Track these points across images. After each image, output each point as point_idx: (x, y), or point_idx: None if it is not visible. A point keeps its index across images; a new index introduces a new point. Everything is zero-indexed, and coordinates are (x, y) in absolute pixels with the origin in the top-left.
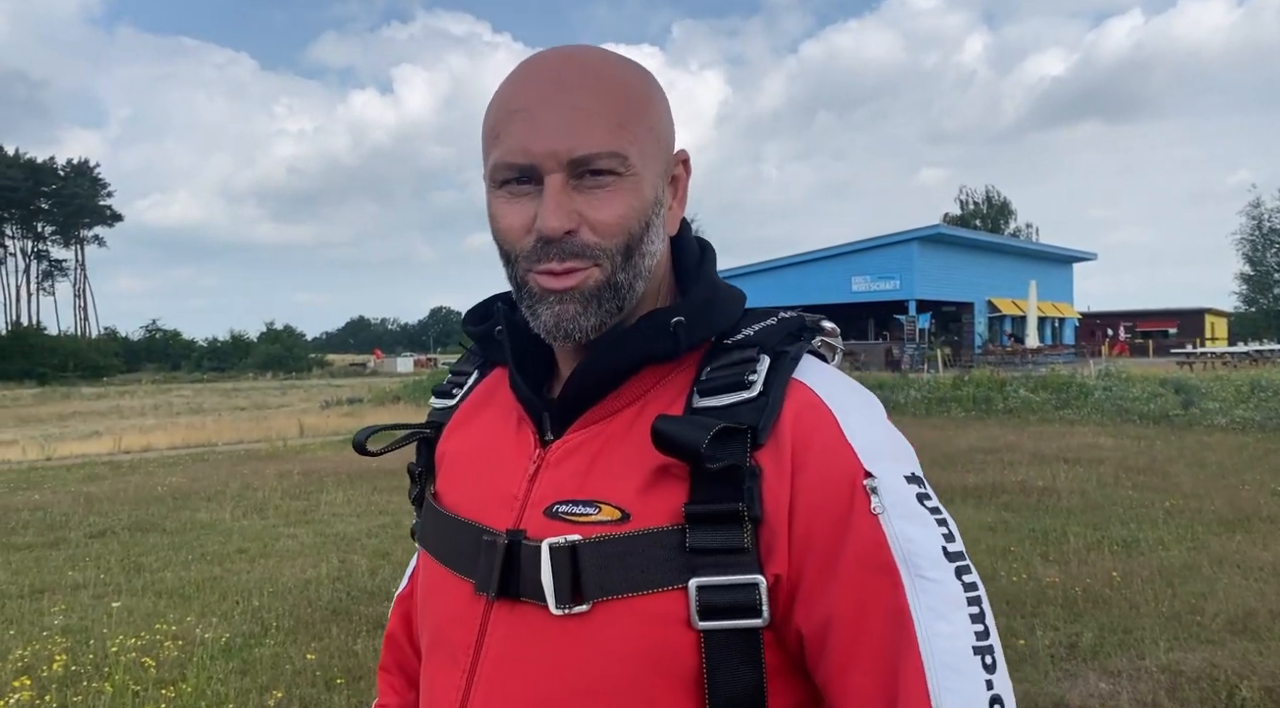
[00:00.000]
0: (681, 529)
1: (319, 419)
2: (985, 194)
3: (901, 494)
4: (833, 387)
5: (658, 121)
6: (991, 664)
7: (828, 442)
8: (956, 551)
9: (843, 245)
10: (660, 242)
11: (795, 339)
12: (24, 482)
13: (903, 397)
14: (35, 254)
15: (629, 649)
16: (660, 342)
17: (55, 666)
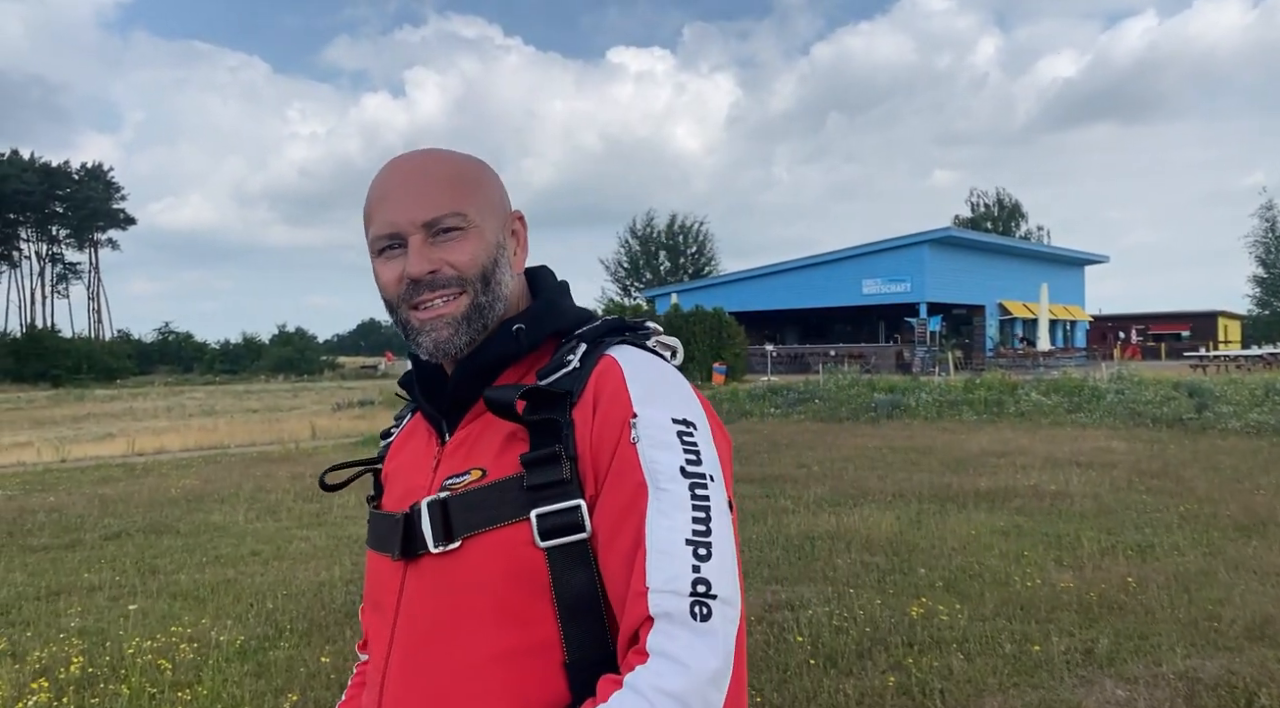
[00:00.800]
0: (522, 475)
1: (331, 421)
2: (996, 196)
3: (658, 428)
4: (632, 358)
5: (490, 191)
6: (705, 555)
7: (614, 392)
8: (697, 472)
9: (853, 248)
10: (509, 276)
11: (616, 334)
12: (39, 483)
13: (913, 399)
14: (50, 257)
15: (494, 570)
16: (507, 344)
17: (72, 667)
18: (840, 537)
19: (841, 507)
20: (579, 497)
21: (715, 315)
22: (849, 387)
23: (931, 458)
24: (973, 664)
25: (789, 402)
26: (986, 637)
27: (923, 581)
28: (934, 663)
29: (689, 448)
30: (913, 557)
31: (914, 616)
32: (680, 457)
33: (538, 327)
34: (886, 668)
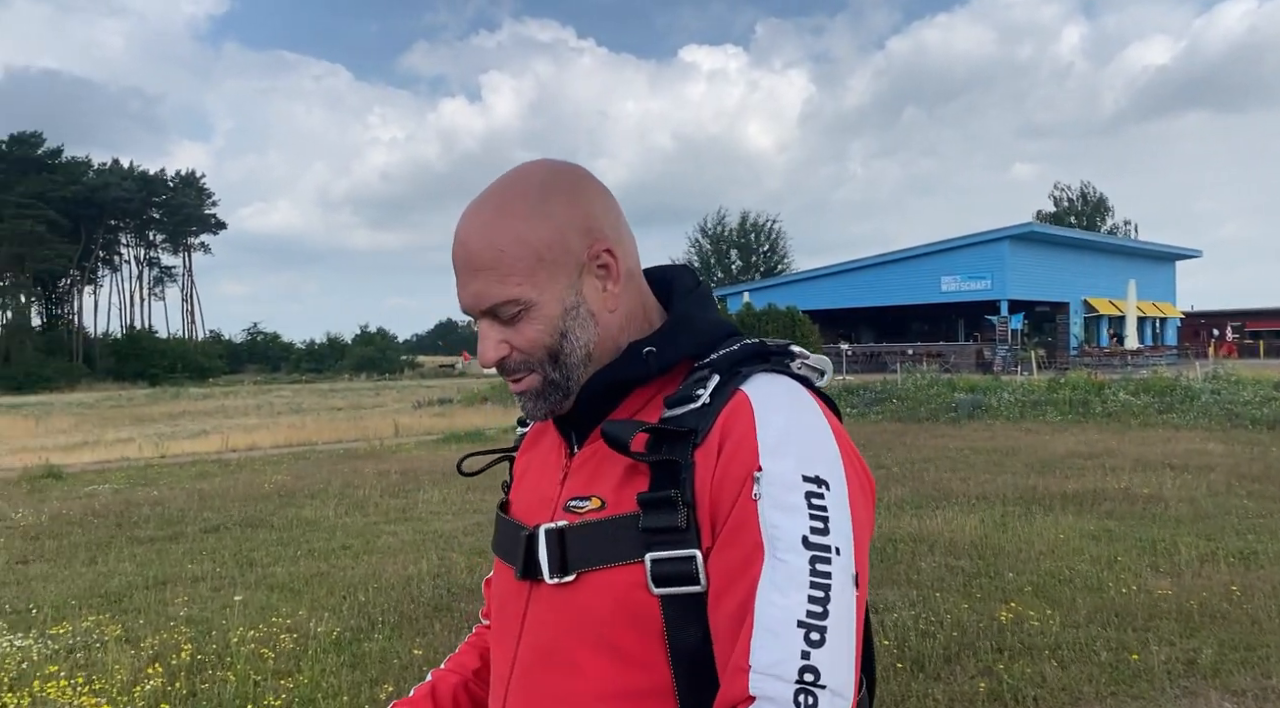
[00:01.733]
0: (638, 514)
1: (412, 419)
2: (1080, 190)
3: (783, 487)
4: (767, 395)
5: (547, 251)
6: (818, 641)
7: (741, 437)
8: (821, 543)
9: (931, 244)
10: (588, 332)
11: (757, 360)
12: (142, 478)
13: (995, 399)
14: (147, 261)
15: (607, 609)
16: (635, 367)
17: (183, 654)
18: (923, 540)
19: (923, 509)
20: (695, 547)
21: (788, 314)
22: (928, 386)
23: (1015, 459)
24: (1067, 672)
25: (865, 401)
26: (1080, 644)
27: (1010, 585)
28: (1026, 670)
29: (816, 513)
30: (998, 560)
31: (1003, 620)
32: (805, 523)
33: (670, 349)
34: (976, 673)
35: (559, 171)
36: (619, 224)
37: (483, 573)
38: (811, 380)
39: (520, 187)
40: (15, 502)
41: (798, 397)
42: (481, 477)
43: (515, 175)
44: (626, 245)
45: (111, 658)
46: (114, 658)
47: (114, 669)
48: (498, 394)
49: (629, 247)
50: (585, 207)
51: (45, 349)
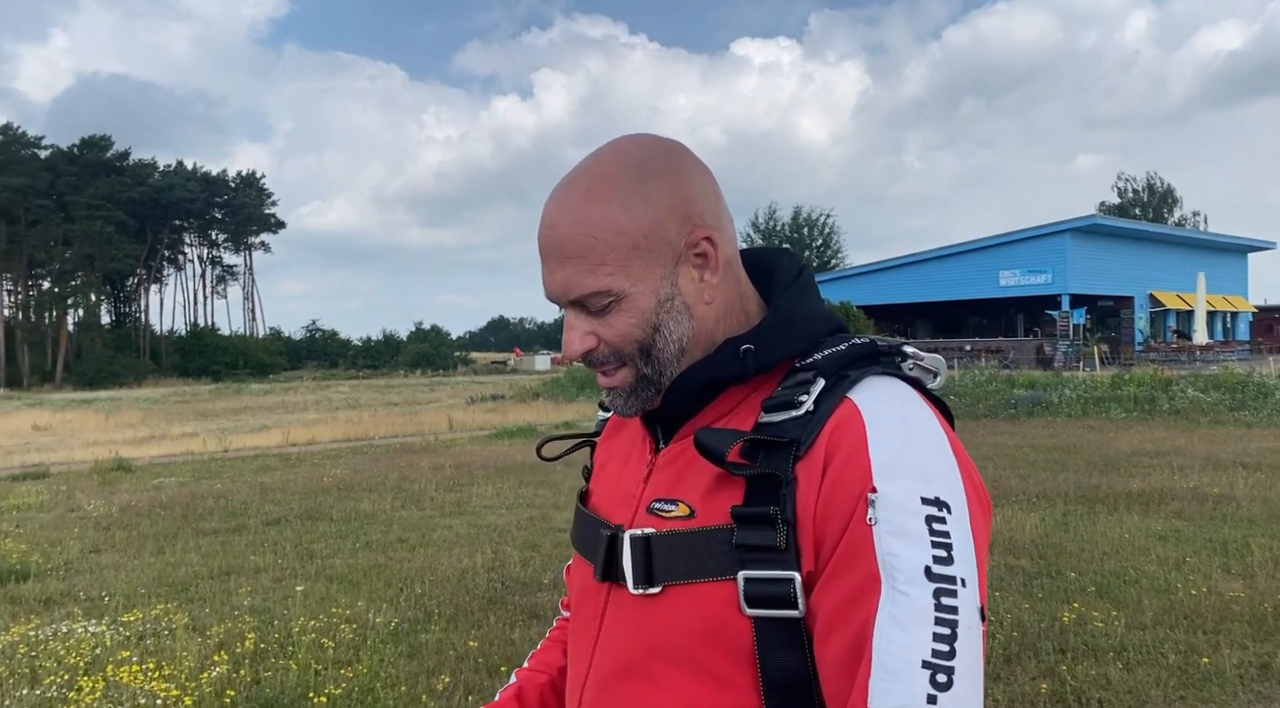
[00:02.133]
0: (732, 528)
1: (466, 415)
2: (1146, 181)
3: (902, 511)
4: (879, 403)
5: (644, 238)
6: (945, 683)
7: (850, 454)
8: (946, 574)
9: (989, 238)
10: (682, 326)
11: (867, 362)
12: (206, 472)
13: (1056, 396)
14: (210, 260)
15: (694, 626)
16: (731, 366)
17: (247, 643)
18: None
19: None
20: (794, 569)
21: (842, 309)
22: (986, 382)
23: (1077, 457)
24: (1133, 675)
25: None
26: (1147, 646)
27: (1073, 585)
28: (1090, 672)
29: (939, 540)
30: (1060, 560)
31: (1065, 621)
32: (927, 553)
33: (771, 348)
34: (1038, 675)
35: (657, 149)
36: (719, 208)
37: (536, 568)
38: (924, 383)
39: (615, 166)
40: (88, 493)
41: (912, 405)
42: (534, 470)
43: (609, 153)
44: (726, 231)
45: (180, 645)
46: (182, 645)
47: (182, 656)
48: (549, 390)
49: (729, 233)
50: (685, 190)
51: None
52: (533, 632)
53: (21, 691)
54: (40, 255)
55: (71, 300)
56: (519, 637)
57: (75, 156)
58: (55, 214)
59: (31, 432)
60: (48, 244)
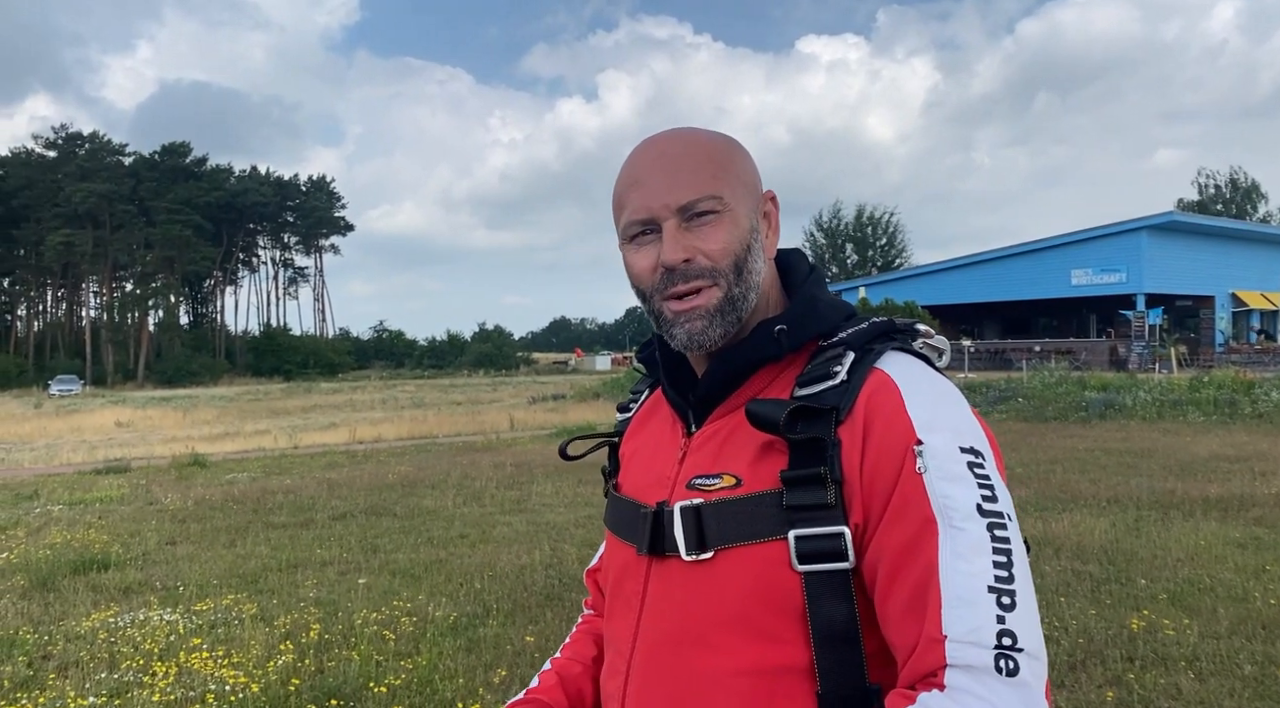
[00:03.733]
0: (781, 491)
1: (527, 414)
2: (1229, 176)
3: (947, 458)
4: (907, 373)
5: (743, 171)
6: (1010, 604)
7: (890, 414)
8: (994, 510)
9: (1061, 236)
10: (761, 262)
11: (885, 338)
12: (277, 467)
13: (1130, 398)
14: (282, 262)
15: (746, 587)
16: (768, 347)
17: (312, 633)
18: (1048, 542)
19: (1048, 511)
20: (843, 524)
21: (906, 309)
22: (1056, 384)
23: (1151, 462)
24: (1205, 685)
25: (989, 400)
26: (1221, 656)
27: (1143, 592)
28: (1159, 681)
29: (983, 482)
30: (1130, 566)
31: (1134, 629)
32: (975, 492)
33: (800, 328)
34: (1104, 682)
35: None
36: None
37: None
38: (931, 360)
39: (708, 131)
40: (165, 488)
41: (932, 372)
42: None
43: (701, 128)
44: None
45: (248, 634)
46: (250, 634)
47: (250, 645)
48: (609, 390)
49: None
50: (753, 161)
51: (192, 346)
52: None
53: (101, 674)
54: (124, 258)
55: (152, 302)
56: None
57: (156, 163)
58: (138, 218)
59: (115, 428)
60: (130, 248)
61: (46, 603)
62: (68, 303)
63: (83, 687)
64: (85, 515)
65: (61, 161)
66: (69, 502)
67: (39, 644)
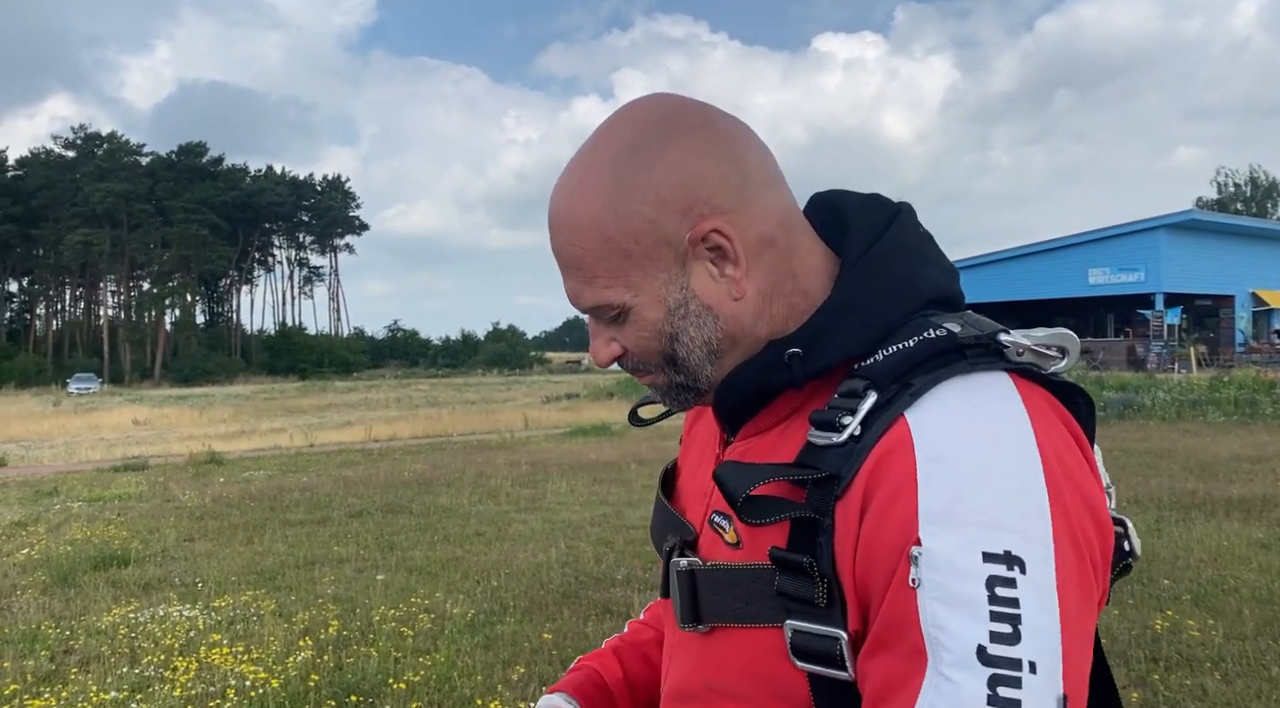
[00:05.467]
0: (774, 570)
1: (541, 413)
2: (1249, 174)
3: (954, 573)
4: (944, 424)
5: (634, 243)
6: None
7: (893, 494)
8: (1005, 656)
9: (1079, 235)
10: (708, 326)
11: (943, 359)
12: (293, 465)
13: (1149, 398)
14: (298, 262)
15: (748, 670)
16: (776, 373)
17: (330, 630)
18: None
19: None
20: (840, 628)
21: None
22: None
23: (1171, 462)
24: (1232, 687)
25: None
26: (1248, 657)
27: (1166, 593)
28: (1185, 682)
29: (1002, 612)
30: (1152, 567)
31: (1158, 629)
32: (984, 628)
33: (822, 351)
34: (1128, 683)
35: (654, 122)
36: (744, 183)
37: (609, 564)
38: (1039, 369)
39: (606, 152)
40: (183, 485)
41: (994, 417)
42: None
43: (605, 131)
44: (755, 209)
45: (267, 631)
46: (269, 631)
47: (269, 641)
48: (623, 389)
49: (761, 206)
50: (684, 173)
51: (208, 345)
52: (606, 626)
53: (122, 668)
54: (141, 258)
55: (169, 301)
56: (592, 631)
57: (173, 162)
58: (155, 218)
59: (132, 426)
60: (147, 247)
61: (68, 598)
62: (86, 302)
63: (104, 681)
64: (104, 512)
65: (80, 161)
66: (88, 499)
67: (60, 639)
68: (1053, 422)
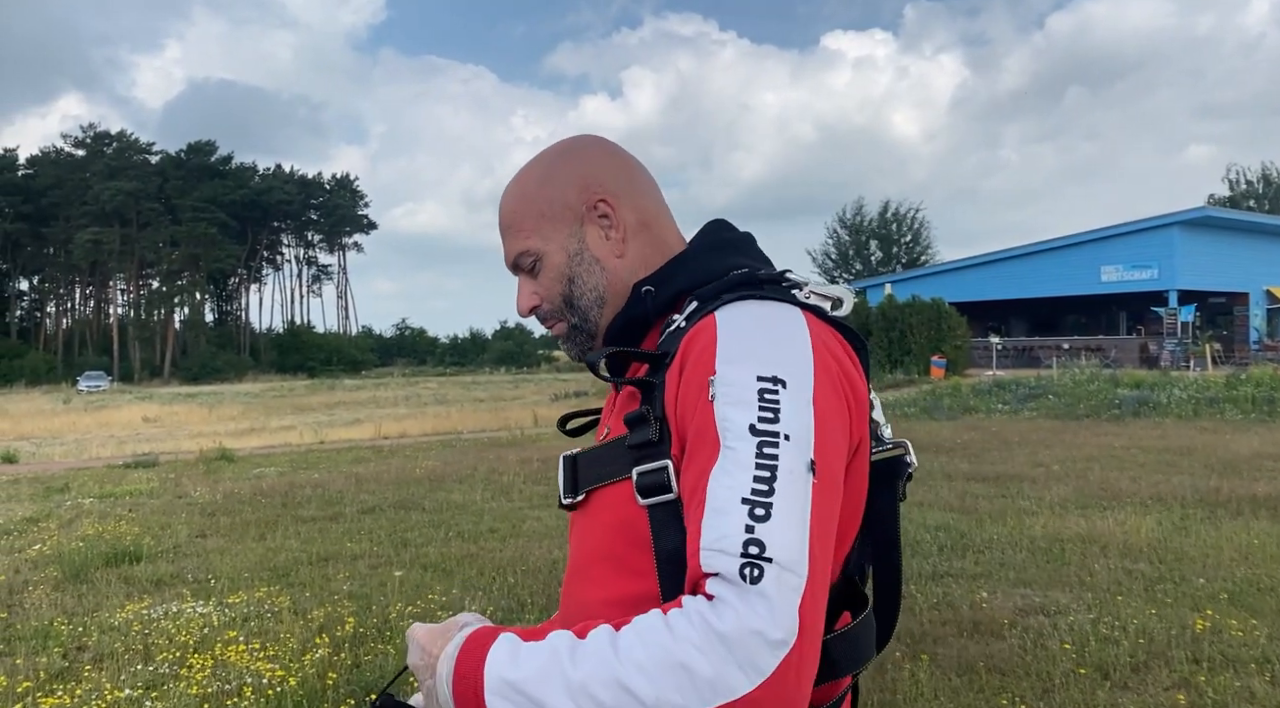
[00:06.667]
0: (628, 436)
1: (550, 410)
2: (1262, 171)
3: (737, 386)
4: (738, 314)
5: (548, 205)
6: (764, 516)
7: (701, 351)
8: (769, 430)
9: (1090, 232)
10: (597, 278)
11: (744, 289)
12: (304, 462)
13: (1165, 396)
14: (306, 260)
15: (610, 525)
16: (637, 305)
17: (347, 627)
18: (1093, 541)
19: (1090, 509)
20: (666, 458)
21: (934, 306)
22: (1087, 382)
23: (1192, 460)
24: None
25: (1018, 397)
26: None
27: (1202, 592)
28: (1232, 683)
29: (767, 405)
30: (1182, 565)
31: (1198, 629)
32: (753, 413)
33: (665, 286)
34: (1171, 685)
35: (573, 140)
36: (629, 182)
37: None
38: (822, 309)
39: (538, 157)
40: (194, 482)
41: (775, 315)
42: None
43: (551, 146)
44: (637, 200)
45: (283, 628)
46: (285, 628)
47: (285, 638)
48: None
49: (640, 201)
50: (584, 166)
51: (217, 343)
52: None
53: (136, 665)
54: (150, 256)
55: (178, 299)
56: None
57: (183, 161)
58: (164, 216)
59: (142, 423)
60: (157, 245)
61: (80, 595)
62: (95, 300)
63: (118, 678)
64: (115, 508)
65: (90, 160)
66: (99, 495)
67: (73, 635)
68: (829, 336)
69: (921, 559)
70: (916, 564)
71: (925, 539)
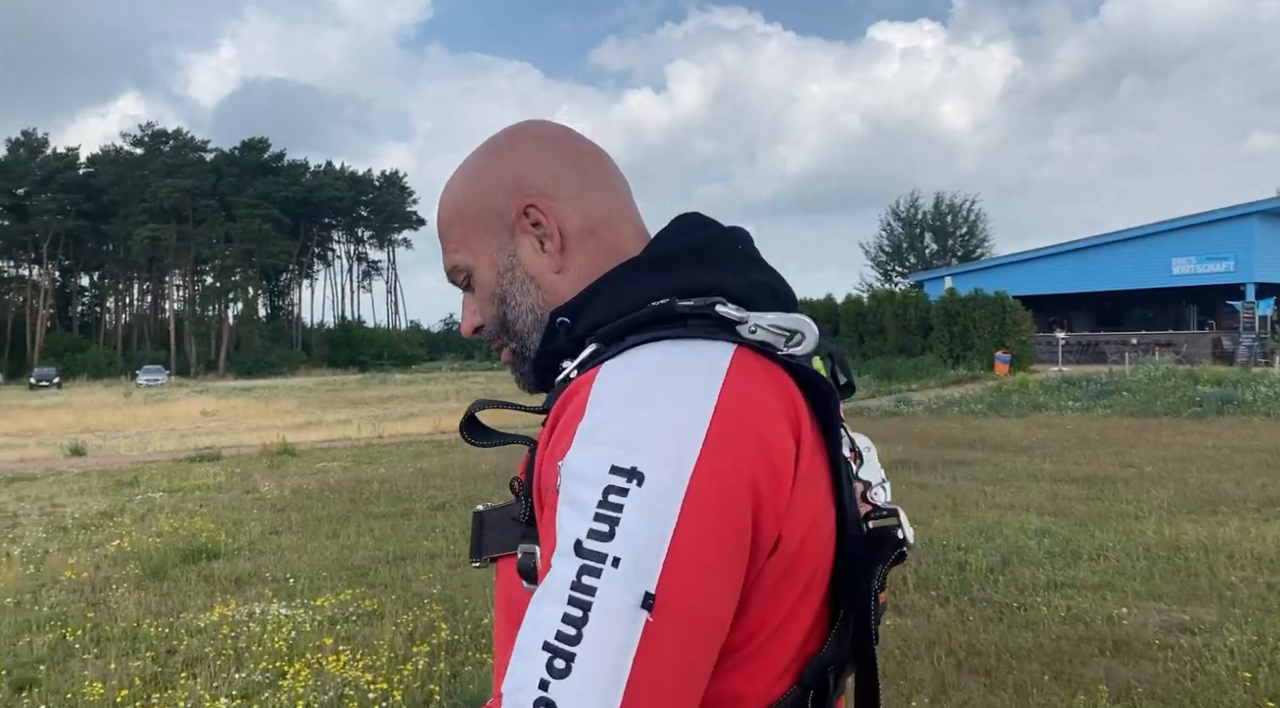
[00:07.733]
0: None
1: None
2: None
3: (580, 480)
4: (628, 366)
5: (475, 212)
6: (562, 669)
7: (568, 421)
8: (595, 550)
9: (1160, 223)
10: (530, 297)
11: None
12: (366, 457)
13: (1249, 393)
14: (357, 256)
15: (505, 598)
16: (552, 339)
17: (440, 634)
18: (1218, 550)
19: (1200, 514)
20: (535, 542)
21: (998, 300)
22: (1163, 378)
23: None
24: None
25: (1090, 394)
26: None
27: None
28: None
29: (605, 514)
30: None
31: None
32: (585, 525)
33: (581, 317)
34: None
35: (508, 131)
36: (574, 179)
37: None
38: (772, 347)
39: (475, 152)
40: (261, 476)
41: (680, 368)
42: None
43: (484, 141)
44: (583, 201)
45: (375, 634)
46: (376, 634)
47: (378, 646)
48: None
49: (587, 202)
50: (517, 164)
51: (270, 338)
52: None
53: (229, 672)
54: (205, 252)
55: (232, 295)
56: None
57: (236, 158)
58: (219, 213)
59: (200, 417)
60: (212, 242)
61: (163, 593)
62: (153, 296)
63: (212, 686)
64: (186, 503)
65: (148, 158)
66: (169, 489)
67: (162, 638)
68: (760, 386)
69: (1034, 568)
70: (1029, 573)
71: (1030, 546)
